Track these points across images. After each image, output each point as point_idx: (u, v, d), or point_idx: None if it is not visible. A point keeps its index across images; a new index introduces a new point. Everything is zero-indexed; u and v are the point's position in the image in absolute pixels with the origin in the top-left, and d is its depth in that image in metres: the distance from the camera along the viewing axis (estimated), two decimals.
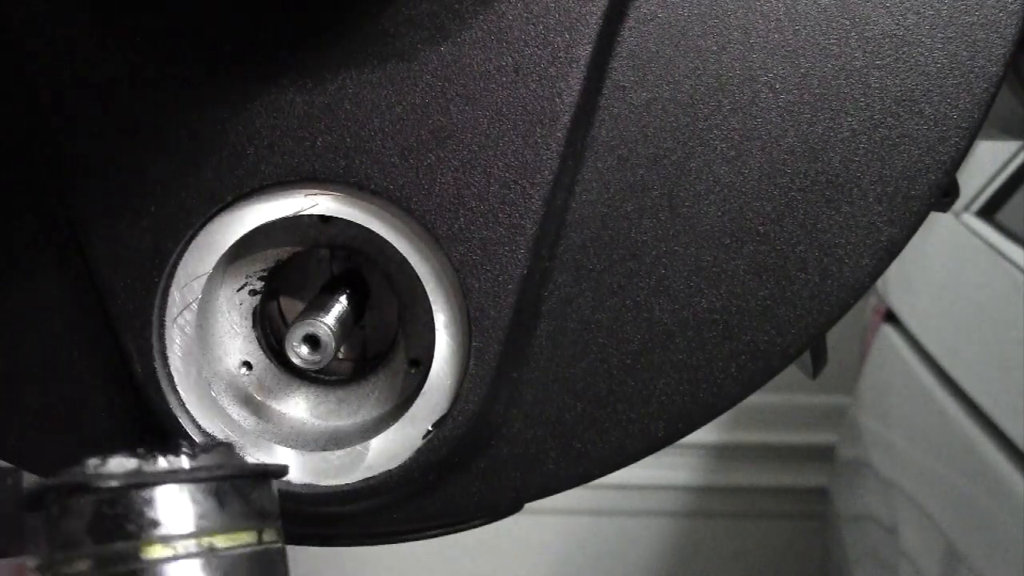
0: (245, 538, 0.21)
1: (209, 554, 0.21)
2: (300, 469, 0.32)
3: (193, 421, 0.32)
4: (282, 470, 0.24)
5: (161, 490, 0.21)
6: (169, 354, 0.32)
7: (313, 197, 0.31)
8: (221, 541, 0.21)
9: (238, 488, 0.22)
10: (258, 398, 0.34)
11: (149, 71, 0.31)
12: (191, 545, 0.20)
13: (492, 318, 0.31)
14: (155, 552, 0.20)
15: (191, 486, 0.21)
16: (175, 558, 0.20)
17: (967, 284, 1.16)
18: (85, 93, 0.31)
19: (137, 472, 0.20)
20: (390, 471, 0.32)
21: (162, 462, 0.21)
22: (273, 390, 0.34)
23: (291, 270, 0.34)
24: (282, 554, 0.23)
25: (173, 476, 0.21)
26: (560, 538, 1.70)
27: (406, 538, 0.35)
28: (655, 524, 1.71)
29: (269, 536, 0.22)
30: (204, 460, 0.22)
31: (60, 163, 0.31)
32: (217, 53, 0.30)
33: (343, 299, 0.32)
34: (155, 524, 0.20)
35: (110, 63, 0.31)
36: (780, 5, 0.31)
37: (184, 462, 0.21)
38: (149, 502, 0.20)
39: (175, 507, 0.21)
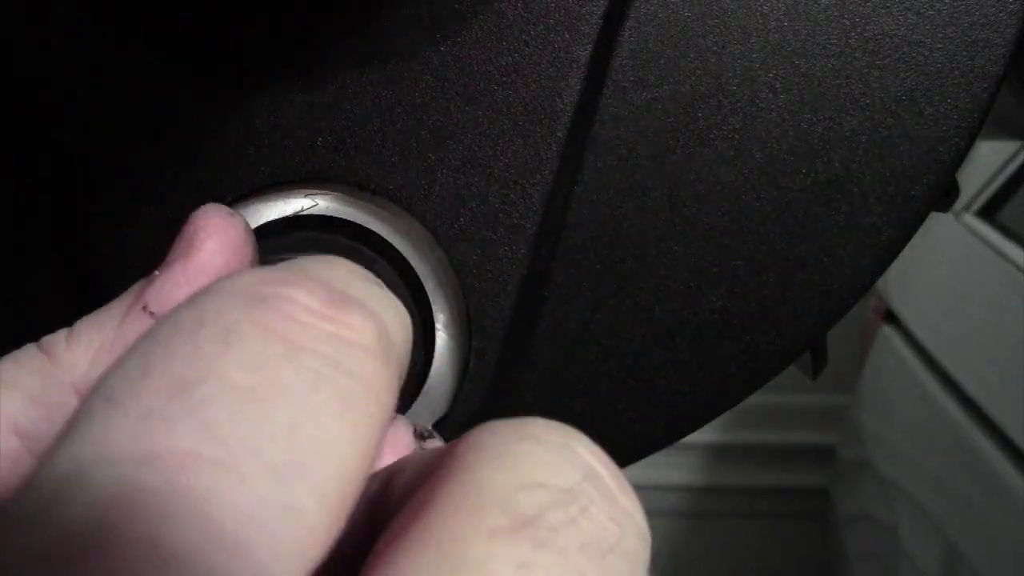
0: None
1: None
2: None
3: None
4: None
5: None
6: None
7: (313, 197, 0.31)
8: None
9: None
10: None
11: (148, 71, 0.31)
12: None
13: (492, 318, 0.31)
14: None
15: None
16: None
17: (967, 284, 1.16)
18: (84, 93, 0.31)
19: None
20: None
21: None
22: None
23: None
24: None
25: None
26: None
27: None
28: (655, 524, 1.70)
29: None
30: None
31: (59, 162, 0.31)
32: (216, 52, 0.30)
33: None
34: None
35: (109, 63, 0.31)
36: (780, 5, 0.31)
37: None
38: None
39: None
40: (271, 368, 0.15)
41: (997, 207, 1.16)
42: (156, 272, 0.23)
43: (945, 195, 0.32)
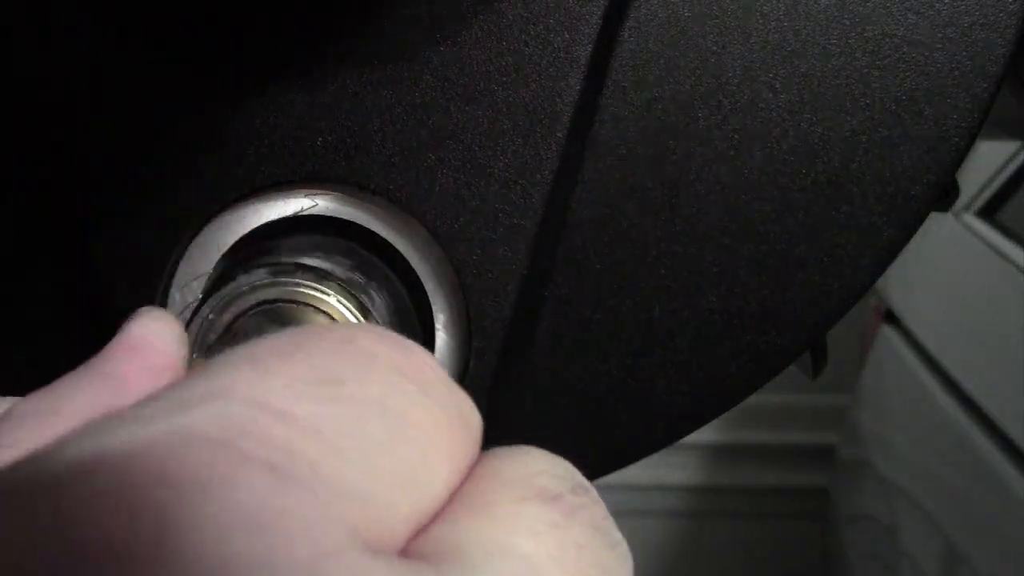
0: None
1: None
2: None
3: None
4: None
5: None
6: None
7: (313, 197, 0.31)
8: None
9: None
10: None
11: (148, 71, 0.31)
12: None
13: (492, 318, 0.31)
14: None
15: None
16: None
17: (967, 284, 1.16)
18: (84, 93, 0.31)
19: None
20: None
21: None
22: None
23: None
24: None
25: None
26: None
27: None
28: (655, 524, 1.71)
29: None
30: None
31: (60, 162, 0.31)
32: (216, 52, 0.30)
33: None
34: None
35: (109, 63, 0.31)
36: (780, 5, 0.31)
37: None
38: None
39: None
40: (408, 400, 0.17)
41: (997, 207, 1.16)
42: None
43: (945, 195, 0.32)
